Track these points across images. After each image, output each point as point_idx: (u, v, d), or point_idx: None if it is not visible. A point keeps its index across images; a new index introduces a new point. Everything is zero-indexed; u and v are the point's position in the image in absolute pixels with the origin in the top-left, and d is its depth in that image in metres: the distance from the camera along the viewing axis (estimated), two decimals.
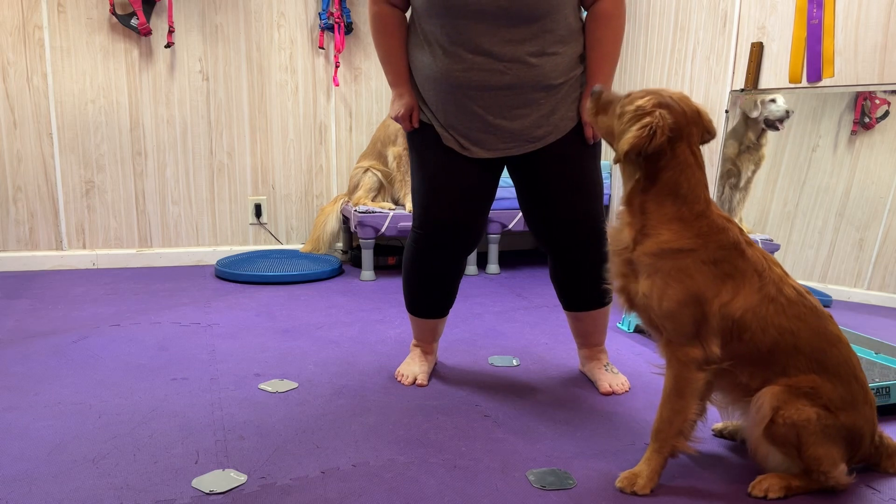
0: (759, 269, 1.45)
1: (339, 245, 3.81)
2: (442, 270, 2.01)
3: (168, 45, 3.41)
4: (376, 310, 2.88)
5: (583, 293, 2.03)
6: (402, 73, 1.90)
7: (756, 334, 1.43)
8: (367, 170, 3.48)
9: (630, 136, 1.38)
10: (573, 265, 1.98)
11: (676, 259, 1.42)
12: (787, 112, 2.54)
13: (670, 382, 1.47)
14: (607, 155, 3.68)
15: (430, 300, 2.07)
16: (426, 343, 2.16)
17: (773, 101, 2.57)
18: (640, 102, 1.41)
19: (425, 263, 2.00)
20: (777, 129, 2.59)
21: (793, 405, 1.41)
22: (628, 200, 1.48)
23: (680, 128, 1.41)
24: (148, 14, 3.36)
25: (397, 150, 3.38)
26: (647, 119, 1.38)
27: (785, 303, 1.44)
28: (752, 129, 2.66)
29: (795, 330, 1.44)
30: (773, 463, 1.49)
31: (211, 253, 3.68)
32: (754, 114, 2.62)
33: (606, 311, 2.09)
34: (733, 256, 1.43)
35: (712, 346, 1.44)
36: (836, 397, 1.43)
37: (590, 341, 2.12)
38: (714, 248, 1.42)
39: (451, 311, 2.57)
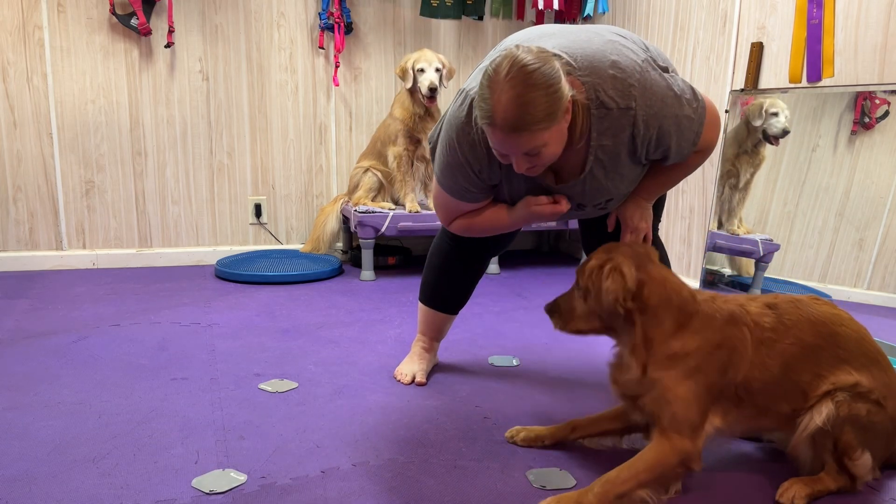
0: (743, 322, 1.46)
1: (339, 245, 3.81)
2: (469, 268, 2.02)
3: (168, 45, 3.41)
4: (376, 310, 2.88)
5: None
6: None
7: (763, 377, 1.45)
8: (367, 170, 3.48)
9: (606, 288, 1.43)
10: None
11: (686, 361, 1.43)
12: (785, 130, 2.54)
13: (650, 459, 1.41)
14: None
15: (448, 293, 2.08)
16: (429, 339, 2.16)
17: (775, 114, 2.56)
18: (591, 264, 1.48)
19: (455, 260, 2.00)
20: (772, 143, 2.60)
21: (846, 405, 1.43)
22: (632, 349, 1.47)
23: (637, 255, 1.48)
24: (148, 14, 3.36)
25: (398, 150, 3.38)
26: (608, 268, 1.44)
27: (771, 335, 1.46)
28: (752, 136, 2.66)
29: (795, 342, 1.46)
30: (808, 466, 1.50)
31: (211, 253, 3.68)
32: (757, 122, 2.62)
33: None
34: (728, 331, 1.45)
35: (714, 422, 1.45)
36: (879, 385, 1.45)
37: None
38: (713, 337, 1.44)
39: None
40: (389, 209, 3.39)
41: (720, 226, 2.81)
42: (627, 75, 1.48)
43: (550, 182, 1.65)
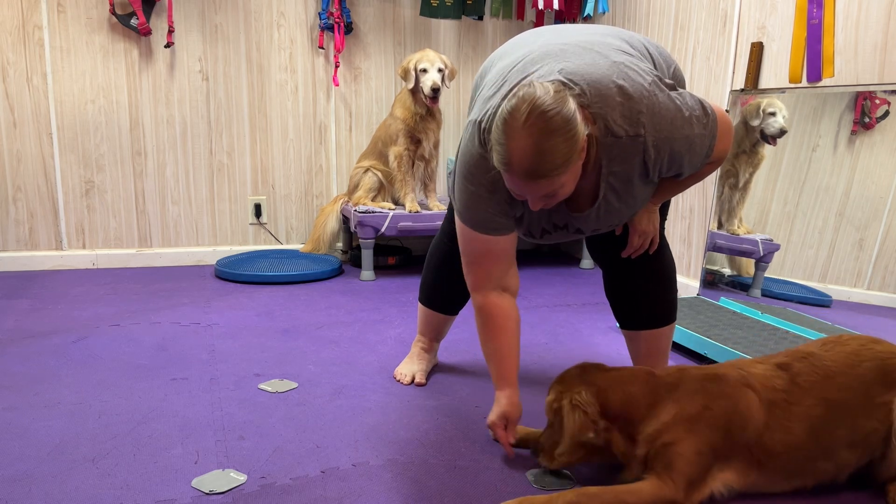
0: (743, 383, 1.44)
1: (339, 245, 3.81)
2: None
3: (168, 45, 3.41)
4: (376, 310, 2.88)
5: (640, 308, 1.86)
6: (510, 374, 1.66)
7: (787, 440, 1.42)
8: (367, 170, 3.48)
9: (572, 428, 1.44)
10: (628, 275, 1.85)
11: (673, 425, 1.41)
12: (782, 130, 2.54)
13: (641, 494, 1.37)
14: None
15: (448, 294, 2.07)
16: (429, 339, 2.16)
17: (772, 114, 2.56)
18: (550, 400, 1.49)
19: (455, 260, 1.95)
20: (770, 143, 2.60)
21: None
22: (622, 454, 1.46)
23: (586, 373, 1.49)
24: (148, 14, 3.36)
25: (398, 150, 3.38)
26: (567, 406, 1.45)
27: (785, 396, 1.43)
28: (750, 135, 2.66)
29: (818, 403, 1.43)
30: None
31: (211, 253, 3.68)
32: (755, 122, 2.62)
33: (668, 332, 1.90)
34: (714, 389, 1.43)
35: (725, 479, 1.42)
36: None
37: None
38: (691, 398, 1.42)
39: None
40: (389, 209, 3.39)
41: (720, 226, 2.81)
42: (635, 102, 1.46)
43: (566, 210, 1.64)
